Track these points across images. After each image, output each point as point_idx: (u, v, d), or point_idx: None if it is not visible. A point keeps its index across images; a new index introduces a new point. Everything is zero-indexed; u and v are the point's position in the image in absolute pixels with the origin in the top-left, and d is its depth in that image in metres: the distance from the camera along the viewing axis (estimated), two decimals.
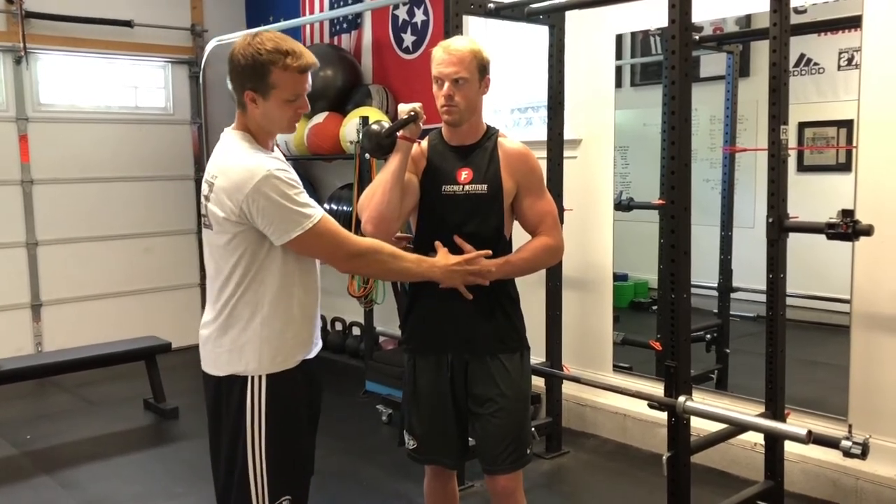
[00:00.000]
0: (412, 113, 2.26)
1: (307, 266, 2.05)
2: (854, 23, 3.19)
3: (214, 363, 2.03)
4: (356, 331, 5.37)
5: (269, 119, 1.97)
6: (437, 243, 2.29)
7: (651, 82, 4.29)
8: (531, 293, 3.28)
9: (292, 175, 1.93)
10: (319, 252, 2.00)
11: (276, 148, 2.10)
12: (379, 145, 2.29)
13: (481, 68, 2.30)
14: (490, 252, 2.26)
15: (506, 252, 2.36)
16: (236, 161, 1.92)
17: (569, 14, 3.75)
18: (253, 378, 1.98)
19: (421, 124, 2.29)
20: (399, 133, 2.27)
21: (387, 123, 2.31)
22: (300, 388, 2.06)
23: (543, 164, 3.24)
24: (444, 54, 2.27)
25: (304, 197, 1.92)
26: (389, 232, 2.29)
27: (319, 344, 2.15)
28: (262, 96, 1.92)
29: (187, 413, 4.59)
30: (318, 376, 2.16)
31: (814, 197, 3.53)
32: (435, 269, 2.20)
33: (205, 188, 1.98)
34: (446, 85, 2.26)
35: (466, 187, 2.32)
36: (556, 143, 3.80)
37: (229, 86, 1.99)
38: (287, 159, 2.12)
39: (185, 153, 6.30)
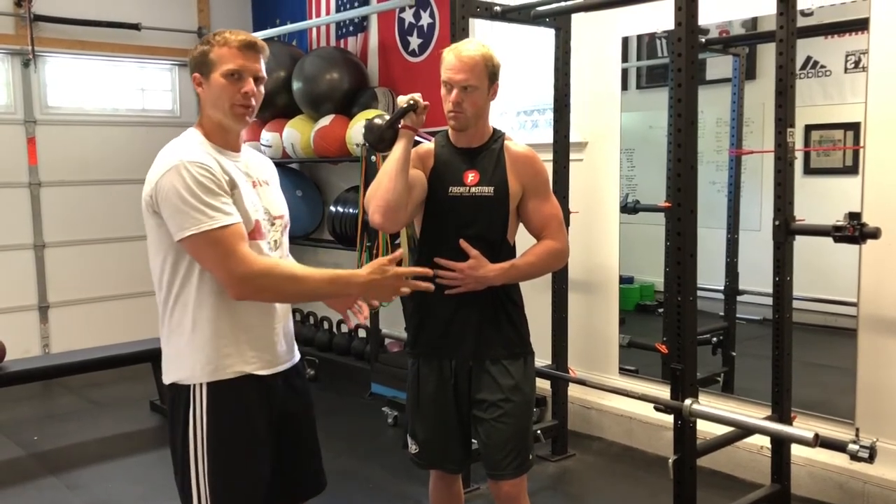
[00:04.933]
0: (411, 102, 2.26)
1: None
2: (861, 25, 3.18)
3: (165, 370, 1.97)
4: (362, 333, 5.37)
5: (213, 101, 1.90)
6: (439, 260, 2.29)
7: (657, 85, 4.28)
8: (537, 296, 3.28)
9: (212, 172, 1.81)
10: (209, 263, 1.81)
11: (246, 148, 2.04)
12: (381, 138, 2.30)
13: (491, 75, 2.30)
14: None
15: (510, 256, 2.37)
16: (164, 150, 1.89)
17: (575, 17, 3.75)
18: (193, 387, 1.89)
19: (423, 116, 2.29)
20: (400, 123, 2.28)
21: (388, 117, 2.32)
22: (250, 403, 1.93)
23: (549, 167, 3.25)
24: (454, 60, 2.27)
25: (218, 200, 1.79)
26: (397, 221, 2.28)
27: (283, 364, 2.01)
28: (205, 77, 1.91)
29: None
30: (290, 392, 2.04)
31: (820, 200, 3.52)
32: (351, 284, 1.93)
33: None
34: (454, 91, 2.26)
35: (473, 189, 2.32)
36: (561, 145, 3.80)
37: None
38: (293, 161, 2.11)
39: None
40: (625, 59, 4.08)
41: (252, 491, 1.96)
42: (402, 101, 2.29)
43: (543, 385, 3.86)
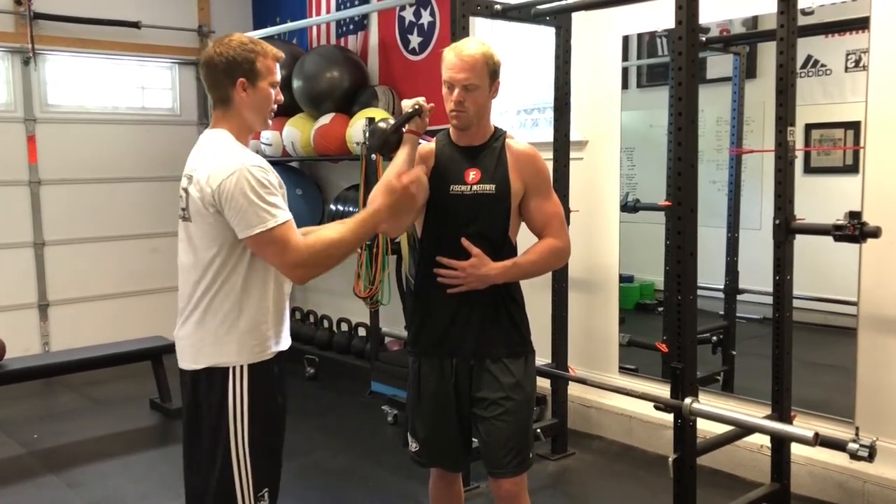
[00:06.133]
0: (416, 107, 2.27)
1: None
2: (861, 24, 3.19)
3: (194, 357, 2.08)
4: (362, 331, 5.37)
5: (256, 106, 2.08)
6: (441, 258, 2.29)
7: (657, 84, 4.28)
8: (537, 294, 3.28)
9: (270, 175, 2.00)
10: (270, 255, 2.00)
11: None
12: (386, 142, 2.30)
13: (492, 73, 2.30)
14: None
15: (511, 255, 2.36)
16: (217, 153, 2.02)
17: (575, 15, 3.75)
18: (234, 368, 2.04)
19: (427, 120, 2.30)
20: (405, 128, 2.27)
21: (393, 121, 2.32)
22: (276, 379, 2.13)
23: (549, 166, 3.24)
24: (455, 59, 2.27)
25: (276, 199, 1.98)
26: (400, 226, 2.30)
27: (289, 339, 2.20)
28: (251, 84, 2.06)
29: None
30: (286, 371, 2.22)
31: (821, 199, 3.52)
32: (379, 215, 2.15)
33: (184, 181, 2.07)
34: (456, 90, 2.26)
35: (474, 187, 2.32)
36: (562, 144, 3.80)
37: (210, 85, 2.09)
38: (293, 160, 2.17)
39: None
40: (625, 57, 4.08)
41: (280, 461, 2.17)
42: (407, 105, 2.29)
43: (543, 384, 3.86)
